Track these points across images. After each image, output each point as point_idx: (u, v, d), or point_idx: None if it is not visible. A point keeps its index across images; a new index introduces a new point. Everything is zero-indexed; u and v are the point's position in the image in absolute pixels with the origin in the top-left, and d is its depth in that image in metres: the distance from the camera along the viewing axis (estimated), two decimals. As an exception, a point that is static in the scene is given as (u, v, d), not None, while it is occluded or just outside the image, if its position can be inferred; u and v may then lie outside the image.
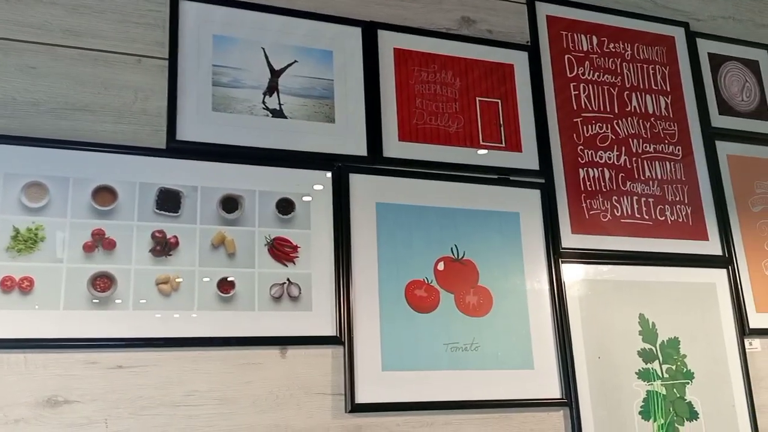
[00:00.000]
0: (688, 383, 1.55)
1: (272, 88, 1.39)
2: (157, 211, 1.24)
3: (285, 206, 1.33)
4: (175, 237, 1.23)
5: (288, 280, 1.29)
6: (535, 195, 1.56)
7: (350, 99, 1.45)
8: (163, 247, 1.22)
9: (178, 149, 1.29)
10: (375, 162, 1.43)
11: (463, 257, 1.45)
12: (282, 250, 1.30)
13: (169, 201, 1.24)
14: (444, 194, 1.48)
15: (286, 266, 1.30)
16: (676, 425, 1.51)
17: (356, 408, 1.26)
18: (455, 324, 1.40)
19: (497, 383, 1.39)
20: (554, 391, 1.44)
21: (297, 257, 1.31)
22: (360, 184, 1.41)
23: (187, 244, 1.24)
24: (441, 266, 1.43)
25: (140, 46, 1.34)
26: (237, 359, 1.23)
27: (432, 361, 1.36)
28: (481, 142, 1.55)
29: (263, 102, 1.37)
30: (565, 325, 1.48)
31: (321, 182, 1.37)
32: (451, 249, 1.45)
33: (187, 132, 1.29)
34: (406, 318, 1.37)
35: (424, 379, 1.34)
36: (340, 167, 1.39)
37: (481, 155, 1.54)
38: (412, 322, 1.37)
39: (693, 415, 1.53)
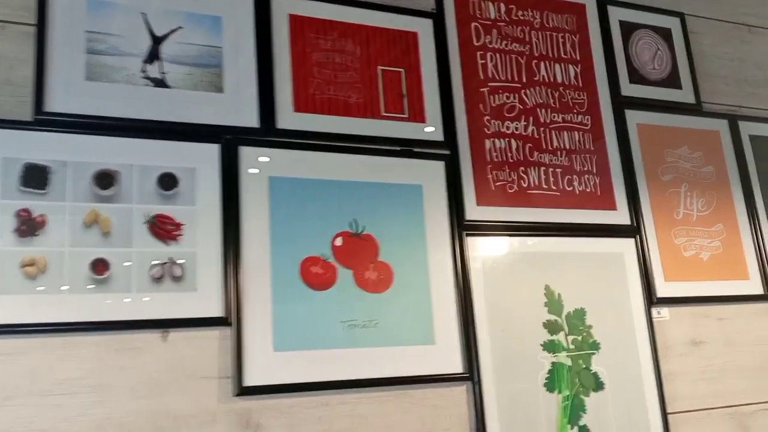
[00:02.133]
0: (593, 354, 1.54)
1: (153, 56, 1.30)
2: (22, 188, 1.16)
3: (167, 181, 1.26)
4: (43, 216, 1.15)
5: (170, 259, 1.22)
6: (439, 167, 1.52)
7: (241, 68, 1.38)
8: (29, 226, 1.14)
9: (45, 121, 1.20)
10: (268, 134, 1.37)
11: (362, 232, 1.41)
12: (163, 228, 1.23)
13: (35, 177, 1.16)
14: (343, 167, 1.42)
15: (168, 245, 1.23)
16: (582, 396, 1.50)
17: (244, 391, 1.21)
18: (353, 301, 1.36)
19: (397, 360, 1.36)
20: (456, 365, 1.41)
21: (180, 235, 1.24)
22: (251, 157, 1.34)
23: (55, 223, 1.16)
24: (339, 242, 1.38)
25: (5, 11, 1.24)
26: (113, 344, 1.16)
27: (328, 339, 1.31)
28: (383, 113, 1.50)
29: (143, 71, 1.29)
30: (469, 299, 1.45)
31: (208, 156, 1.30)
32: (350, 224, 1.40)
33: (56, 103, 1.21)
34: (300, 296, 1.31)
35: (319, 358, 1.30)
36: (229, 139, 1.33)
37: (383, 126, 1.48)
38: (307, 300, 1.32)
39: (599, 386, 1.52)
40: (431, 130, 1.53)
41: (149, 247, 1.21)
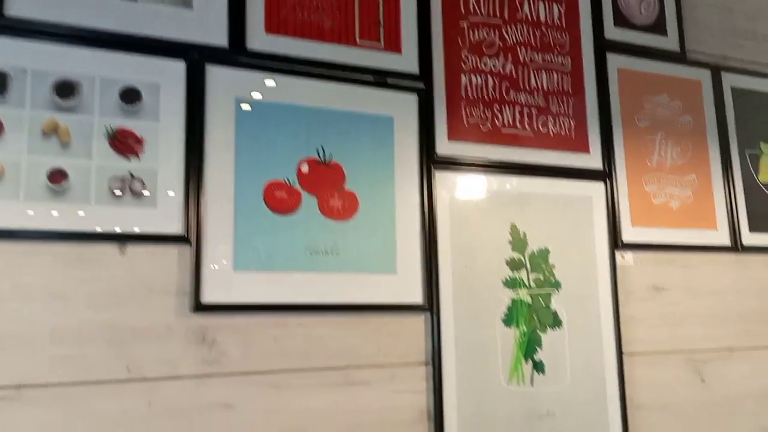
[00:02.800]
0: (554, 293, 1.56)
1: (121, -33, 1.27)
2: (-20, 93, 1.14)
3: (130, 96, 1.24)
4: (0, 122, 1.14)
5: (131, 174, 1.22)
6: (412, 100, 1.50)
7: (212, -16, 1.35)
8: (-13, 132, 1.13)
9: (6, 26, 1.17)
10: (236, 54, 1.35)
11: (329, 160, 1.40)
12: (125, 143, 1.22)
13: (-7, 82, 1.15)
14: (313, 93, 1.41)
15: (129, 160, 1.22)
16: (539, 332, 1.53)
17: (201, 307, 1.23)
18: (317, 227, 1.36)
19: (357, 287, 1.37)
20: (416, 296, 1.43)
21: (142, 151, 1.24)
22: (218, 76, 1.33)
23: (13, 130, 1.15)
24: (305, 168, 1.38)
25: None
26: (70, 255, 1.17)
27: (289, 263, 1.32)
28: (358, 41, 1.48)
29: (110, -19, 1.26)
30: (433, 232, 1.46)
31: (173, 73, 1.29)
32: (317, 151, 1.39)
33: (17, 7, 1.18)
34: (263, 219, 1.32)
35: (280, 280, 1.31)
36: (196, 57, 1.31)
37: (357, 54, 1.46)
38: (269, 224, 1.32)
39: (556, 323, 1.55)
40: (407, 61, 1.51)
41: (109, 161, 1.21)
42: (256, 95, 1.36)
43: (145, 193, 1.22)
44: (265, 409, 1.27)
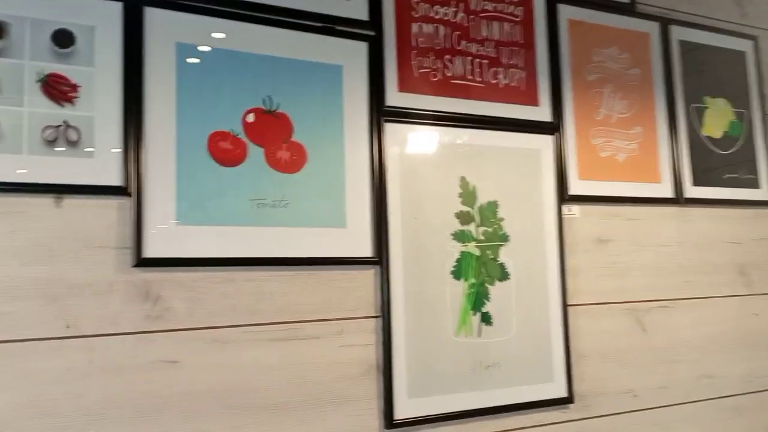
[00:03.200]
0: (502, 245, 1.57)
1: None
2: None
3: (63, 38, 1.17)
4: None
5: (65, 122, 1.16)
6: (361, 48, 1.46)
7: None
8: None
9: None
10: (176, -4, 1.28)
11: (276, 110, 1.36)
12: (58, 89, 1.16)
13: None
14: (258, 40, 1.35)
15: (63, 107, 1.16)
16: (486, 285, 1.54)
17: (143, 262, 1.19)
18: (264, 179, 1.33)
19: (306, 241, 1.35)
20: (366, 249, 1.42)
21: (77, 97, 1.17)
22: (159, 20, 1.26)
23: (-67, 75, 1.07)
24: (251, 118, 1.33)
25: None
26: (1, 207, 1.10)
27: (235, 216, 1.29)
28: (305, -15, 1.42)
29: None
30: (383, 185, 1.44)
31: (109, 14, 1.21)
32: (263, 100, 1.35)
33: (-67, -60, 1.09)
34: (207, 171, 1.27)
35: (226, 234, 1.28)
36: (133, -1, 1.23)
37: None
38: (214, 176, 1.28)
39: (504, 276, 1.56)
40: (355, 7, 1.46)
41: (42, 108, 1.14)
42: (198, 40, 1.29)
43: (81, 142, 1.16)
44: (211, 365, 1.25)
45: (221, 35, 1.32)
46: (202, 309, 1.25)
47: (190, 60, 1.28)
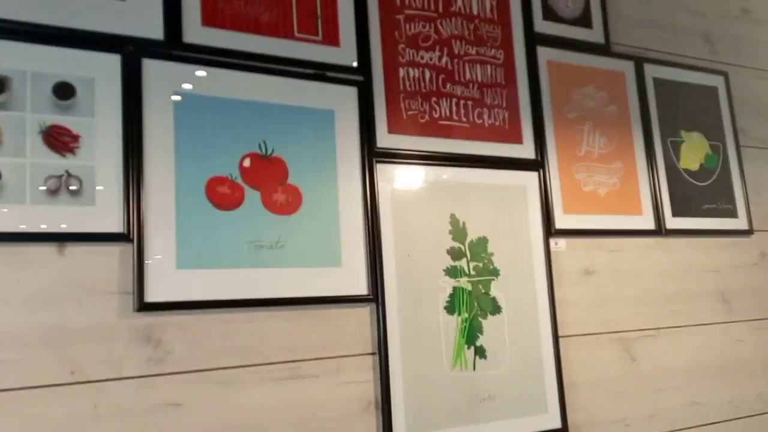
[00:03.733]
0: (493, 279, 1.61)
1: (50, -43, 1.23)
2: None
3: (64, 90, 1.20)
4: (-76, 120, 1.09)
5: (67, 172, 1.18)
6: (351, 93, 1.52)
7: (146, -24, 1.32)
8: None
9: (-72, 19, 1.12)
10: (173, 47, 1.32)
11: (271, 154, 1.40)
12: (59, 139, 1.19)
13: None
14: (252, 87, 1.40)
15: (65, 157, 1.19)
16: (480, 318, 1.57)
17: (145, 306, 1.21)
18: (261, 222, 1.36)
19: (303, 281, 1.38)
20: (361, 287, 1.45)
21: (77, 147, 1.20)
22: (155, 70, 1.30)
23: (-61, 129, 1.10)
24: (247, 163, 1.37)
25: None
26: (6, 256, 1.12)
27: (233, 259, 1.32)
28: (296, 34, 1.47)
29: (38, -28, 1.22)
30: (376, 224, 1.48)
31: (108, 66, 1.25)
32: (259, 145, 1.39)
33: (-61, -1, 1.12)
34: (206, 215, 1.30)
35: (224, 277, 1.30)
36: (131, 51, 1.27)
37: (295, 48, 1.46)
38: (212, 220, 1.31)
39: (496, 309, 1.60)
40: (345, 54, 1.52)
41: (44, 159, 1.17)
42: (195, 89, 1.33)
43: (83, 190, 1.19)
44: (213, 406, 1.26)
45: (216, 83, 1.36)
46: (203, 351, 1.27)
47: (186, 108, 1.31)
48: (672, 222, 1.93)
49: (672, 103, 2.02)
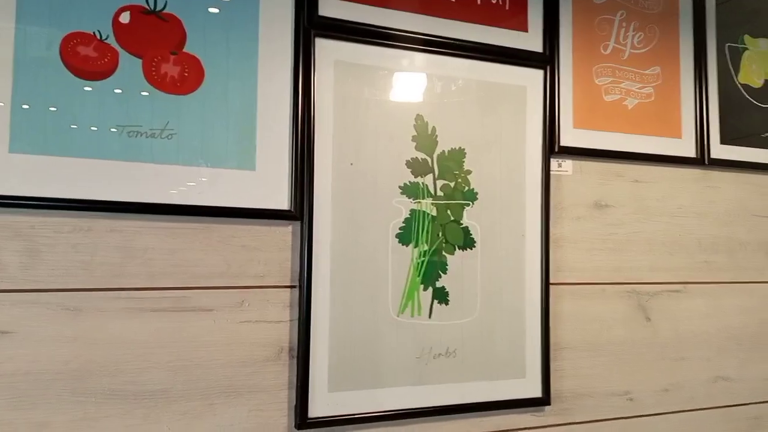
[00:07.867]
0: (468, 205, 1.24)
1: None
2: None
3: None
4: None
5: None
6: (289, -62, 1.12)
7: None
8: None
9: None
10: None
11: (163, 9, 1.03)
12: None
13: None
14: None
15: None
16: (444, 253, 1.21)
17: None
18: (140, 100, 1.01)
19: (194, 182, 1.03)
20: (281, 200, 1.10)
21: None
22: None
23: None
24: (125, 18, 1.01)
25: None
26: None
27: (95, 147, 0.98)
28: None
29: None
30: (309, 119, 1.11)
31: None
32: (146, -5, 1.02)
33: None
34: (60, 85, 0.96)
35: (82, 170, 0.97)
36: None
37: None
38: (68, 92, 0.97)
39: (468, 243, 1.23)
40: None
41: None
42: None
43: None
44: (56, 338, 0.96)
45: None
46: (44, 265, 0.95)
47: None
48: (719, 150, 1.50)
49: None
